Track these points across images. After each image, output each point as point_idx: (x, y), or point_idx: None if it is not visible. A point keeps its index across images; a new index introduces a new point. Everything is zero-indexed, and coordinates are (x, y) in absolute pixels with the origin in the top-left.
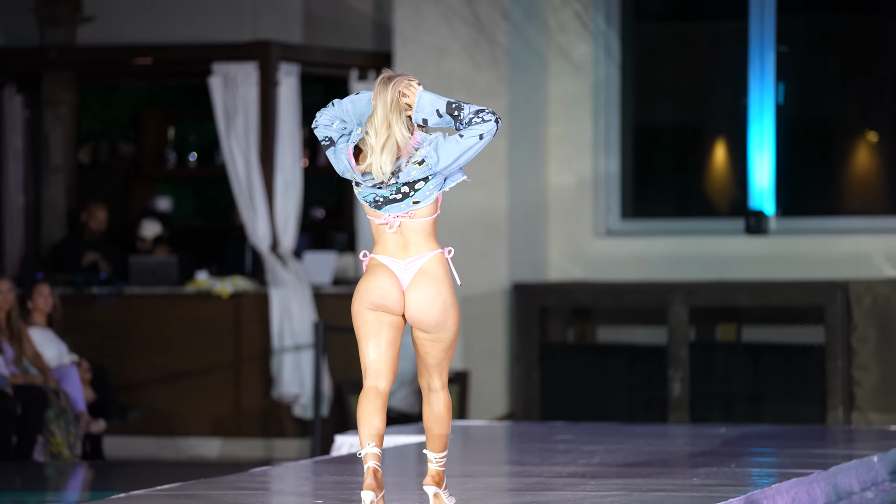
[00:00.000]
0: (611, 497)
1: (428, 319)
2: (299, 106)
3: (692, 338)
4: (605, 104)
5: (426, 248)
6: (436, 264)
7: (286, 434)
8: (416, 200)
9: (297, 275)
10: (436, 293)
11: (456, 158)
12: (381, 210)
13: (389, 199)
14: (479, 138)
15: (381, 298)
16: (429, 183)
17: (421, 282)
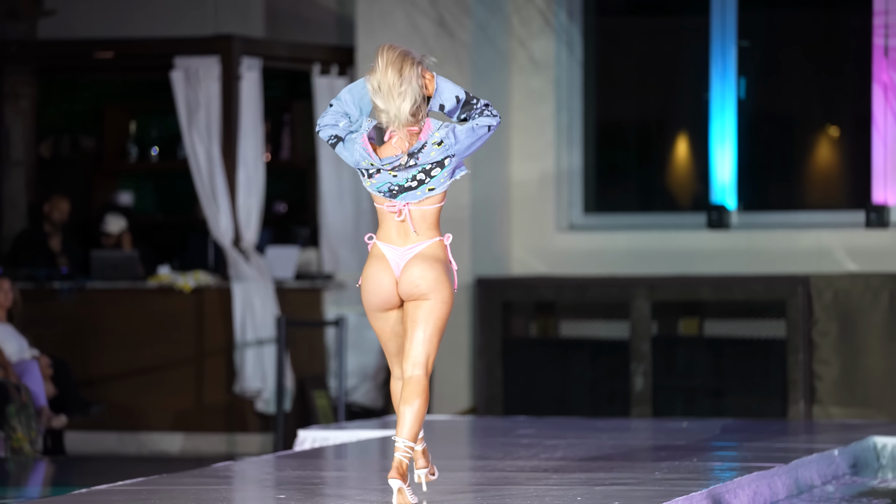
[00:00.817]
0: (573, 491)
1: (420, 289)
2: (261, 100)
3: (654, 332)
4: (568, 99)
5: (427, 236)
6: (433, 248)
7: (249, 429)
8: (431, 188)
9: (259, 269)
10: (427, 267)
11: (469, 145)
12: (397, 199)
13: (405, 188)
14: (488, 129)
15: (381, 300)
16: (444, 170)
17: (414, 261)
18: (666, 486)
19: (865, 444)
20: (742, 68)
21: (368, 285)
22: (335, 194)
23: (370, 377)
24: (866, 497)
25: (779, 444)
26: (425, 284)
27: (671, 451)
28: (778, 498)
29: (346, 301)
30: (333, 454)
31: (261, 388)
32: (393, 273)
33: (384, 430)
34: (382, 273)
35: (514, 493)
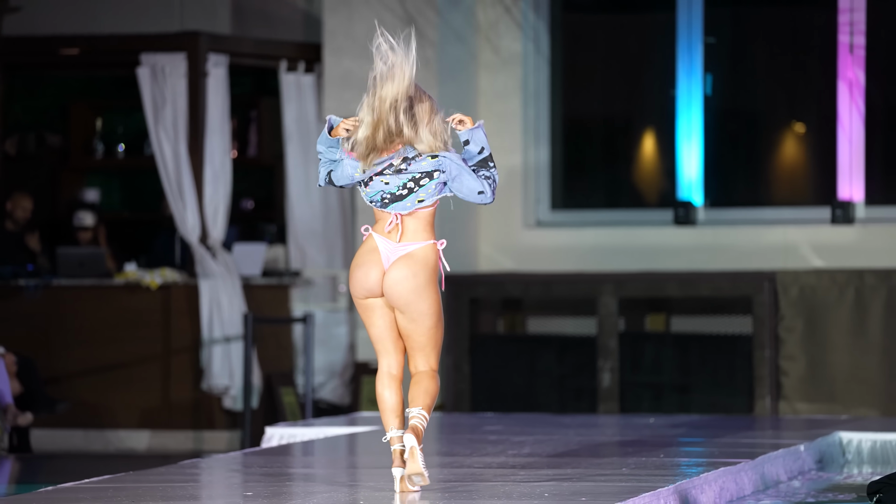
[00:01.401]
0: (541, 487)
1: (398, 298)
2: (228, 97)
3: (621, 328)
4: (535, 96)
5: (421, 238)
6: (423, 251)
7: (216, 426)
8: (420, 199)
9: (226, 266)
10: (410, 274)
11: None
12: (388, 209)
13: (395, 196)
14: (477, 193)
15: (366, 290)
16: (433, 181)
17: (400, 263)
18: (633, 482)
19: (831, 440)
20: (708, 65)
21: (356, 273)
22: (302, 191)
23: (338, 374)
24: (832, 492)
25: (745, 440)
26: (406, 293)
27: (638, 447)
28: (744, 493)
29: (314, 298)
30: (301, 451)
31: (228, 385)
32: (382, 266)
33: (352, 427)
34: (371, 263)
35: (482, 490)
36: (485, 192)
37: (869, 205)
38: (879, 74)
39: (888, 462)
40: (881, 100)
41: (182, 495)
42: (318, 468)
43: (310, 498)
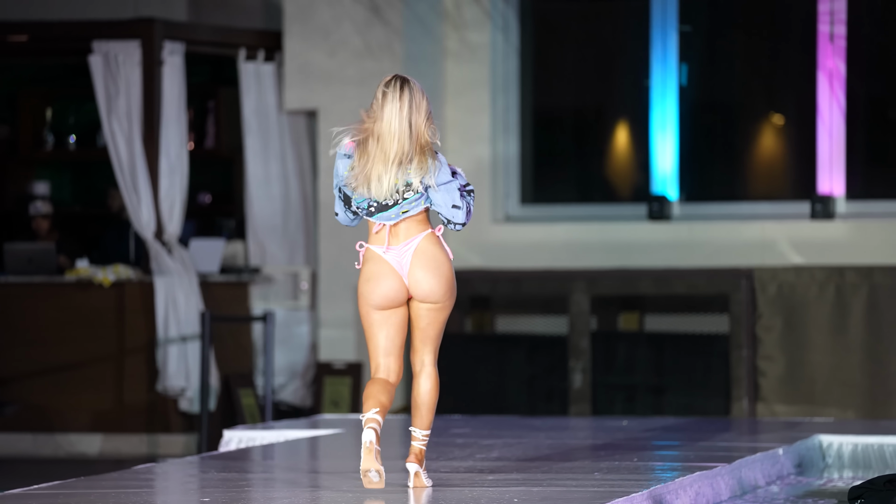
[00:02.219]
0: (510, 492)
1: (436, 292)
2: (184, 86)
3: (594, 327)
4: (504, 87)
5: (417, 232)
6: (429, 243)
7: (171, 429)
8: (404, 210)
9: (183, 263)
10: (438, 267)
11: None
12: (374, 218)
13: (381, 206)
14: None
15: (385, 299)
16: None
17: (421, 262)
18: (606, 487)
19: (811, 443)
20: (683, 54)
21: (369, 286)
22: (262, 184)
23: (299, 375)
24: (812, 497)
25: (722, 443)
26: (440, 293)
27: (611, 451)
28: (721, 499)
29: (274, 296)
30: (260, 455)
31: (184, 386)
32: (397, 273)
33: (313, 430)
34: (387, 274)
35: (449, 496)
36: (460, 208)
37: (850, 199)
38: (860, 65)
39: (870, 466)
40: (862, 91)
41: (136, 502)
42: (278, 473)
43: (270, 503)
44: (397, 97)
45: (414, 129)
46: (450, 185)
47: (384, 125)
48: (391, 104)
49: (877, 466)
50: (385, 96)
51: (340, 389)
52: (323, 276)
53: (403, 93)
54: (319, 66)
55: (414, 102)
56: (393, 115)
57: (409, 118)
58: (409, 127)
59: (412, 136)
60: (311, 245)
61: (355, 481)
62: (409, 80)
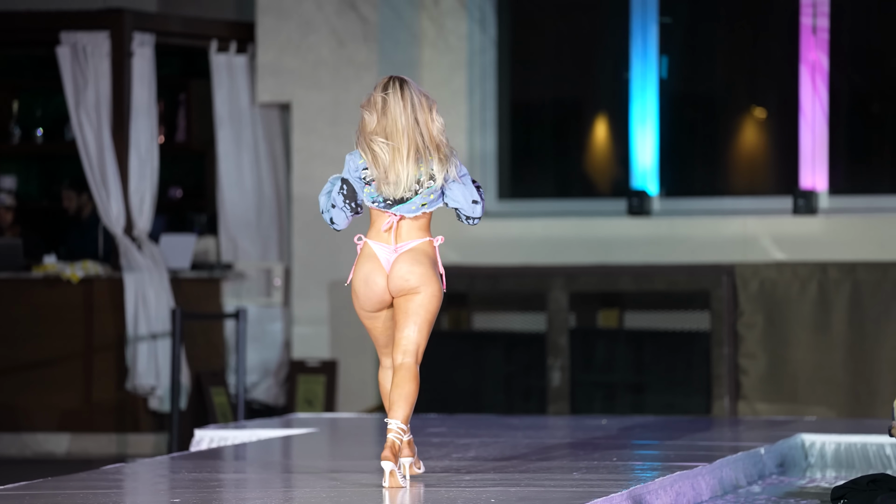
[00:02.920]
0: (487, 493)
1: (402, 283)
2: (154, 79)
3: (572, 324)
4: (481, 80)
5: (417, 236)
6: (423, 246)
7: (141, 428)
8: (423, 203)
9: (153, 259)
10: (416, 262)
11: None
12: (392, 209)
13: (398, 199)
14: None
15: (375, 302)
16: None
17: (402, 257)
18: (584, 487)
19: (793, 442)
20: (664, 46)
21: (362, 289)
22: (234, 179)
23: (272, 373)
24: (794, 498)
25: (702, 443)
26: (414, 279)
27: (590, 450)
28: (702, 499)
29: (247, 292)
30: (232, 455)
31: (154, 384)
32: (385, 272)
33: (286, 430)
34: (375, 274)
35: (425, 496)
36: (478, 202)
37: (833, 194)
38: (843, 58)
39: (853, 466)
40: (845, 84)
41: (105, 503)
42: (250, 473)
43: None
44: (399, 97)
45: (422, 125)
46: (466, 177)
47: (391, 124)
48: (394, 104)
49: (860, 466)
50: (386, 97)
51: (314, 388)
52: (296, 272)
53: (404, 92)
54: (293, 58)
55: (415, 101)
56: (398, 113)
57: (415, 116)
58: (416, 123)
59: (422, 132)
60: (284, 240)
61: (329, 481)
62: (406, 80)
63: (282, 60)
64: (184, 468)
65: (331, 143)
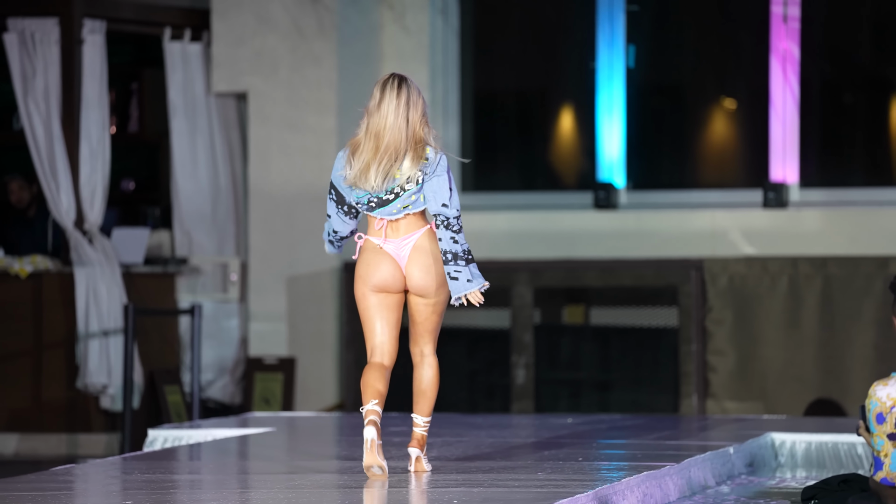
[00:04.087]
0: (449, 493)
1: (429, 288)
2: (106, 67)
3: (537, 321)
4: (443, 70)
5: (416, 227)
6: (428, 239)
7: (93, 428)
8: (405, 205)
9: (105, 253)
10: (433, 263)
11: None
12: (374, 213)
13: (382, 201)
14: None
15: (383, 281)
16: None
17: (418, 257)
18: (549, 488)
19: (762, 442)
20: (631, 35)
21: (373, 270)
22: (189, 170)
23: (228, 371)
24: (763, 498)
25: (670, 442)
26: (434, 287)
27: (555, 450)
28: (669, 499)
29: (202, 288)
30: (187, 455)
31: (106, 383)
32: (395, 260)
33: (243, 429)
34: (383, 259)
35: (385, 497)
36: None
37: (803, 187)
38: (814, 48)
39: (823, 465)
40: (816, 75)
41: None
42: (205, 474)
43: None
44: (395, 94)
45: (410, 125)
46: (442, 178)
47: (380, 120)
48: (388, 101)
49: (831, 466)
50: (383, 93)
51: (272, 386)
52: (253, 267)
53: (401, 90)
54: (249, 46)
55: (411, 100)
56: (390, 110)
57: (406, 114)
58: (405, 122)
59: (408, 130)
60: (241, 234)
61: (286, 482)
62: (406, 78)
63: (238, 49)
64: (136, 469)
65: (288, 133)
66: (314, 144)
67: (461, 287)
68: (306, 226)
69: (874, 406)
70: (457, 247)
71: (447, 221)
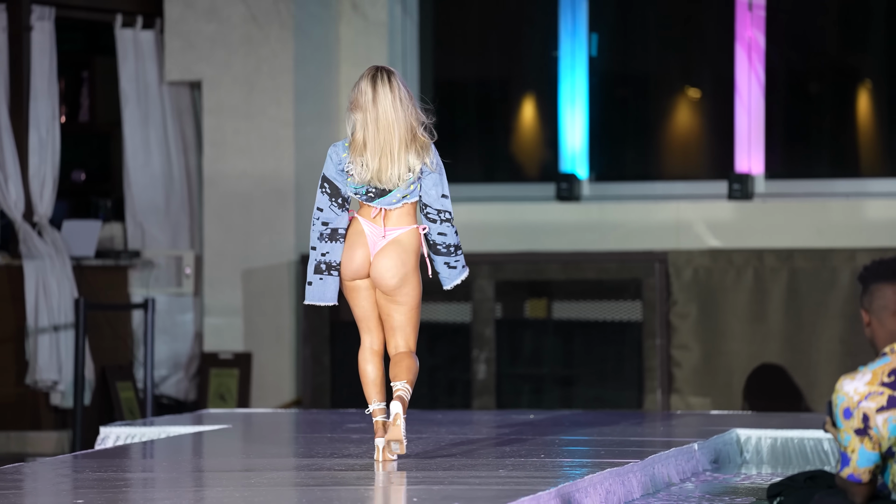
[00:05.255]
0: (409, 491)
1: (385, 282)
2: (55, 55)
3: (498, 315)
4: (402, 58)
5: (405, 223)
6: (409, 236)
7: (42, 426)
8: (404, 195)
9: (55, 246)
10: (399, 262)
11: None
12: (373, 203)
13: (381, 192)
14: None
15: (352, 272)
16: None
17: (388, 250)
18: (511, 485)
19: (727, 438)
20: (594, 23)
21: (345, 260)
22: (141, 161)
23: (182, 366)
24: (728, 495)
25: (634, 438)
26: (395, 281)
27: (517, 447)
28: (633, 497)
29: (155, 281)
30: (140, 453)
31: (56, 379)
32: (368, 249)
33: (197, 426)
34: (357, 245)
35: (343, 495)
36: (447, 197)
37: (769, 178)
38: (780, 36)
39: (789, 462)
40: (782, 64)
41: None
42: (159, 472)
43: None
44: (388, 89)
45: (407, 119)
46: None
47: (379, 116)
48: (383, 97)
49: (797, 462)
50: (375, 89)
51: (227, 382)
52: (208, 261)
53: (392, 84)
54: (203, 33)
55: (402, 93)
56: (387, 106)
57: (402, 109)
58: (403, 116)
59: (406, 123)
60: (195, 227)
61: (242, 480)
62: (393, 71)
63: (192, 37)
64: (88, 467)
65: (244, 123)
66: (270, 134)
67: (455, 274)
68: (262, 218)
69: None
70: (456, 238)
71: (449, 214)
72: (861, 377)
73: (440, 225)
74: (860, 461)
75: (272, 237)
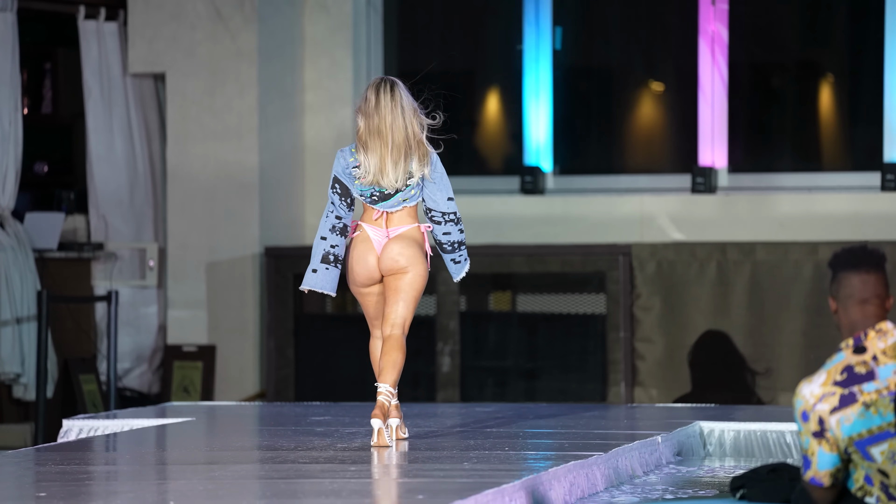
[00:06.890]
0: (373, 484)
1: (397, 264)
2: (17, 46)
3: (462, 307)
4: (367, 50)
5: (407, 222)
6: (413, 232)
7: (5, 419)
8: (405, 199)
9: (17, 238)
10: (404, 244)
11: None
12: (377, 206)
13: (384, 195)
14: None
15: (369, 278)
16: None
17: (394, 240)
18: (475, 478)
19: (691, 430)
20: (558, 16)
21: (356, 266)
22: (105, 153)
23: (145, 359)
24: (692, 488)
25: (597, 431)
26: (404, 260)
27: (481, 439)
28: (597, 489)
29: (119, 274)
30: (103, 446)
31: (19, 372)
32: (376, 252)
33: (161, 419)
34: (367, 253)
35: (308, 488)
36: (453, 199)
37: (732, 172)
38: (743, 30)
39: (752, 455)
40: (745, 57)
41: None
42: (122, 465)
43: (113, 498)
44: (389, 98)
45: (409, 126)
46: (444, 176)
47: (380, 122)
48: (385, 104)
49: (760, 455)
50: (378, 97)
51: (191, 374)
52: (172, 253)
53: (395, 94)
54: (166, 25)
55: (405, 102)
56: (387, 113)
57: (403, 116)
58: (404, 123)
59: (408, 131)
60: (158, 219)
61: (206, 472)
62: (396, 81)
63: (155, 28)
64: (50, 460)
65: (207, 115)
66: (234, 126)
67: (461, 268)
68: (226, 210)
69: (799, 405)
70: (461, 235)
71: (454, 216)
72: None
73: (445, 225)
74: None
75: (236, 230)
